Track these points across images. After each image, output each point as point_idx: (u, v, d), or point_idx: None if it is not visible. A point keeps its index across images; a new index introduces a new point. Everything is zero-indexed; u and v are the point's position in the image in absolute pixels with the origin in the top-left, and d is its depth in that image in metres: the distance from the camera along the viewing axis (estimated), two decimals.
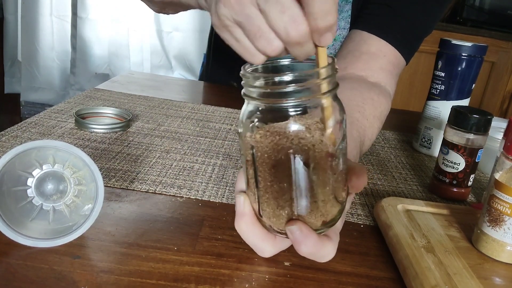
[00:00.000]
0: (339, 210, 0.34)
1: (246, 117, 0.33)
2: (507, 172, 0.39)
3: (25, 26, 2.34)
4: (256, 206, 0.34)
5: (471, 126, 0.52)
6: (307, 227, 0.32)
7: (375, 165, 0.64)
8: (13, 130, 0.59)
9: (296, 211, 0.33)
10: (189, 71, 2.44)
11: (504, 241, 0.38)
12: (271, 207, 0.33)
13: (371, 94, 0.57)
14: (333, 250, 0.35)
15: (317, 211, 0.33)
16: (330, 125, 0.32)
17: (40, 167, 0.38)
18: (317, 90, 0.31)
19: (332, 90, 0.32)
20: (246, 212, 0.35)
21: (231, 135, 0.68)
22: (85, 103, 0.75)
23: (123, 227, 0.40)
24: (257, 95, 0.31)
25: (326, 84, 0.31)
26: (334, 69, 0.32)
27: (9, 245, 0.35)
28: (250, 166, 0.33)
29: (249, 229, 0.35)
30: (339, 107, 0.33)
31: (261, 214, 0.34)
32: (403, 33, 0.64)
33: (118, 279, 0.33)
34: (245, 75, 0.32)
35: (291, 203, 0.32)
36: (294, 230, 0.32)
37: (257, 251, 0.37)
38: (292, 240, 0.33)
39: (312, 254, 0.34)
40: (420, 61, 2.09)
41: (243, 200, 0.35)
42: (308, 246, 0.32)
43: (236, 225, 0.35)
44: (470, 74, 0.66)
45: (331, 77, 0.31)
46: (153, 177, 0.51)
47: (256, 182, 0.33)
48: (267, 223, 0.34)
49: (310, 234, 0.32)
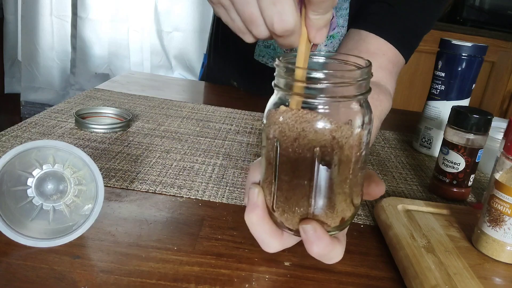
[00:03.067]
0: (353, 214, 0.34)
1: (273, 108, 0.32)
2: (507, 172, 0.39)
3: (25, 26, 2.34)
4: (270, 200, 0.34)
5: (471, 126, 0.52)
6: (321, 228, 0.32)
7: (375, 165, 0.64)
8: (13, 130, 0.59)
9: (313, 210, 0.32)
10: (189, 71, 2.44)
11: (504, 241, 0.38)
12: (286, 203, 0.33)
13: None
14: (341, 252, 0.35)
15: (333, 213, 0.33)
16: (357, 127, 0.31)
17: (40, 167, 0.38)
18: (349, 91, 0.31)
19: (364, 93, 0.31)
20: (259, 205, 0.34)
21: (231, 135, 0.68)
22: (85, 103, 0.75)
23: (123, 227, 0.40)
24: (287, 87, 0.31)
25: (358, 87, 0.31)
26: (369, 73, 0.32)
27: (9, 245, 0.35)
28: (271, 159, 0.32)
29: (259, 222, 0.35)
30: (369, 111, 0.33)
31: (274, 209, 0.34)
32: (402, 31, 0.64)
33: (118, 279, 0.33)
34: (278, 65, 0.32)
35: (308, 201, 0.32)
36: (308, 230, 0.32)
37: (262, 245, 0.36)
38: (305, 239, 0.32)
39: (322, 255, 0.34)
40: (420, 61, 2.09)
41: (257, 192, 0.34)
42: (320, 247, 0.32)
43: (247, 216, 0.35)
44: (470, 74, 0.66)
45: (366, 81, 0.31)
46: (153, 177, 0.51)
47: (275, 176, 0.33)
48: (279, 219, 0.34)
49: (324, 235, 0.32)
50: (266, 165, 0.33)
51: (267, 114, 0.33)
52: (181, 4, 2.32)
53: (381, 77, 0.62)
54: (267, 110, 0.33)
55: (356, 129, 0.31)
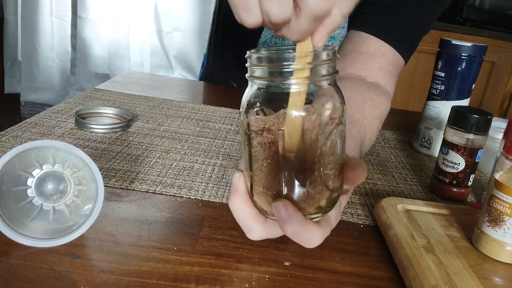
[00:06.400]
0: (330, 198, 0.34)
1: (246, 98, 0.34)
2: (507, 172, 0.39)
3: (25, 26, 2.34)
4: (249, 185, 0.35)
5: (471, 126, 0.52)
6: (292, 206, 0.32)
7: (375, 165, 0.64)
8: (13, 130, 0.59)
9: (284, 191, 0.33)
10: (189, 71, 2.44)
11: (504, 241, 0.38)
12: (262, 186, 0.34)
13: (370, 94, 0.57)
14: (319, 236, 0.35)
15: (305, 194, 0.33)
16: (326, 109, 0.32)
17: (40, 167, 0.38)
18: (315, 72, 0.31)
19: (331, 74, 0.32)
20: (239, 189, 0.35)
21: (231, 135, 0.68)
22: (85, 103, 0.75)
23: (123, 227, 0.40)
24: (257, 75, 0.32)
25: (325, 68, 0.32)
26: (334, 55, 0.32)
27: (9, 245, 0.35)
28: (246, 145, 0.34)
29: (241, 205, 0.35)
30: (338, 94, 0.33)
31: (253, 194, 0.35)
32: (401, 32, 0.64)
33: (118, 279, 0.33)
34: (250, 57, 0.33)
35: (279, 183, 0.33)
36: (279, 207, 0.32)
37: (246, 232, 0.37)
38: (277, 218, 0.33)
39: (296, 234, 0.33)
40: (420, 61, 2.09)
41: (238, 177, 0.35)
42: (292, 224, 0.32)
43: (229, 201, 0.36)
44: (470, 74, 0.66)
45: (331, 62, 0.32)
46: (153, 177, 0.51)
47: (250, 161, 0.34)
48: (258, 203, 0.35)
49: (295, 212, 0.32)
50: (243, 151, 0.35)
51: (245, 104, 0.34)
52: (181, 4, 2.32)
53: (381, 78, 0.62)
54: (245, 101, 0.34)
55: (324, 109, 0.32)
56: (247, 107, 0.34)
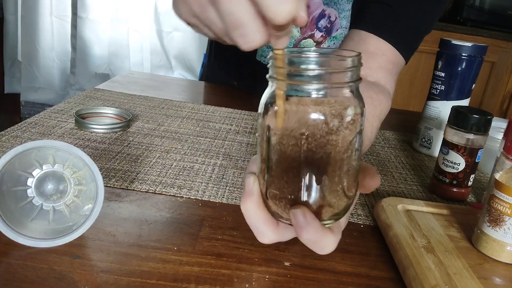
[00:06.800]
0: (346, 205, 0.34)
1: (267, 98, 0.33)
2: (507, 172, 0.39)
3: (25, 26, 2.34)
4: (264, 189, 0.34)
5: (471, 126, 0.52)
6: (310, 213, 0.32)
7: (375, 165, 0.64)
8: (13, 130, 0.59)
9: (303, 198, 0.32)
10: (189, 71, 2.44)
11: (504, 241, 0.38)
12: (279, 190, 0.33)
13: (370, 93, 0.56)
14: (333, 243, 0.35)
15: (323, 201, 0.33)
16: (348, 115, 0.32)
17: (40, 167, 0.38)
18: (338, 79, 0.31)
19: (354, 81, 0.32)
20: (254, 192, 0.34)
21: (231, 135, 0.68)
22: (85, 103, 0.75)
23: (123, 227, 0.40)
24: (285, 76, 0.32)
25: (349, 74, 0.31)
26: (359, 62, 0.32)
27: (9, 245, 0.35)
28: (264, 147, 0.33)
29: (254, 209, 0.35)
30: (360, 100, 0.33)
31: (268, 197, 0.34)
32: (402, 32, 0.64)
33: (118, 279, 0.33)
34: (272, 57, 0.32)
35: (299, 189, 0.32)
36: (297, 214, 0.32)
37: (257, 235, 0.36)
38: (295, 224, 0.32)
39: (312, 242, 0.33)
40: (420, 61, 2.09)
41: (252, 180, 0.35)
42: (310, 232, 0.32)
43: (242, 204, 0.35)
44: (470, 74, 0.66)
45: (355, 69, 0.32)
46: (153, 177, 0.51)
47: (268, 164, 0.33)
48: (272, 207, 0.34)
49: (313, 220, 0.32)
50: (260, 153, 0.34)
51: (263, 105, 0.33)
52: None
53: (381, 77, 0.62)
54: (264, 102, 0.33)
55: (346, 117, 0.32)
56: (265, 108, 0.33)
